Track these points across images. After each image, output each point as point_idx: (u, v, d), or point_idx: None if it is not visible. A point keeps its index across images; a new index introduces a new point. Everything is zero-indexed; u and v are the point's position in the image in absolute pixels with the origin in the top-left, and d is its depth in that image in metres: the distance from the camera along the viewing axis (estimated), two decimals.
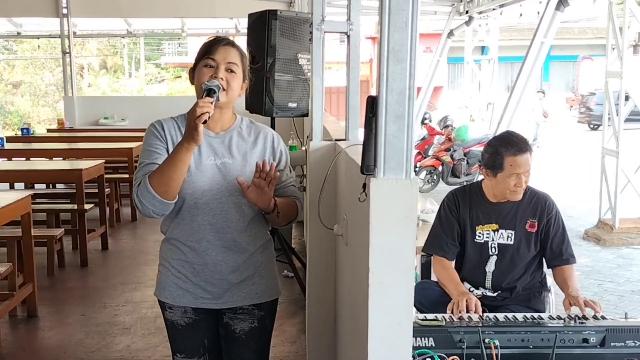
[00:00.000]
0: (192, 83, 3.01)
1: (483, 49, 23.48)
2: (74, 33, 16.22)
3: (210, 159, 2.96)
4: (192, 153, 2.79)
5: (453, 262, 4.06)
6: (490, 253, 3.96)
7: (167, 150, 2.94)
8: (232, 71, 2.94)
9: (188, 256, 3.02)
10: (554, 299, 4.19)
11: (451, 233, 4.01)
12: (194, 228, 2.98)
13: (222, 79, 2.90)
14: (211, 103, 2.74)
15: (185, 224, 2.99)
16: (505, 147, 3.82)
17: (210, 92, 2.82)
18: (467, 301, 3.47)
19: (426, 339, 2.99)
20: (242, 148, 3.00)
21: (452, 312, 3.44)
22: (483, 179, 4.01)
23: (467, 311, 3.43)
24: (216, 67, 2.92)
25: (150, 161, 2.92)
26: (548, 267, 4.01)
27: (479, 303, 3.49)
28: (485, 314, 3.45)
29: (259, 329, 3.13)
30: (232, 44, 2.99)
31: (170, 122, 3.03)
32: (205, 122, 2.69)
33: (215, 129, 3.00)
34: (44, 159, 11.14)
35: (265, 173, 2.84)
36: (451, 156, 14.10)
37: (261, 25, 5.98)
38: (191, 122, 2.69)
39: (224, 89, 2.89)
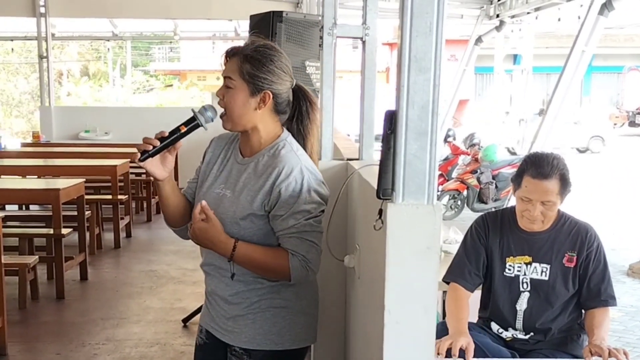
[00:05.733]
0: None
1: (515, 58, 23.52)
2: (53, 35, 16.30)
3: (221, 186, 3.07)
4: (163, 188, 3.08)
5: (470, 295, 4.02)
6: (522, 289, 3.93)
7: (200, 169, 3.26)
8: (228, 87, 2.97)
9: (205, 278, 3.22)
10: None
11: (476, 261, 3.98)
12: (203, 250, 3.14)
13: (221, 99, 2.98)
14: (173, 134, 2.97)
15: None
16: (528, 165, 3.82)
17: (190, 120, 3.00)
18: (452, 343, 3.47)
19: None
20: (247, 183, 2.99)
21: (438, 352, 3.44)
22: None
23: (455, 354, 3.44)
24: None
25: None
26: (583, 309, 3.95)
27: (471, 347, 3.48)
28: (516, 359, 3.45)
29: None
30: (232, 53, 3.00)
31: (226, 137, 3.24)
32: (143, 159, 2.92)
33: (246, 152, 3.08)
34: (17, 176, 11.15)
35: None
36: (478, 179, 14.07)
37: (264, 28, 6.00)
38: None
39: (225, 113, 2.98)
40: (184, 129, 2.97)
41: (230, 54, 2.98)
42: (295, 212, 2.87)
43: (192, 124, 2.98)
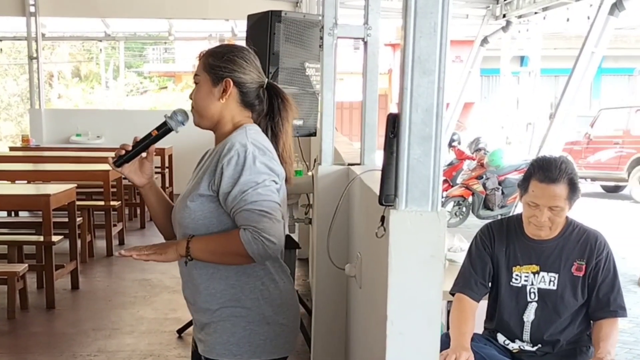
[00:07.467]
0: None
1: (522, 60, 23.56)
2: (43, 35, 16.33)
3: (191, 182, 3.16)
4: (146, 196, 3.25)
5: (476, 306, 4.02)
6: (529, 299, 3.93)
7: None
8: (195, 83, 3.11)
9: None
10: None
11: (482, 271, 3.98)
12: None
13: (191, 96, 3.12)
14: (145, 139, 3.11)
15: None
16: (536, 169, 3.81)
17: (162, 125, 3.15)
18: (452, 357, 3.49)
19: None
20: (201, 168, 3.13)
21: None
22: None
23: None
24: None
25: None
26: (592, 320, 3.95)
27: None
28: None
29: None
30: (200, 56, 3.15)
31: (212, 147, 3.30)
32: (119, 164, 3.09)
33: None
34: (6, 182, 11.12)
35: None
36: (483, 185, 14.04)
37: (262, 28, 6.00)
38: None
39: (192, 108, 3.12)
40: (155, 134, 3.13)
41: (199, 57, 3.15)
42: (241, 184, 2.87)
43: (164, 128, 3.13)
